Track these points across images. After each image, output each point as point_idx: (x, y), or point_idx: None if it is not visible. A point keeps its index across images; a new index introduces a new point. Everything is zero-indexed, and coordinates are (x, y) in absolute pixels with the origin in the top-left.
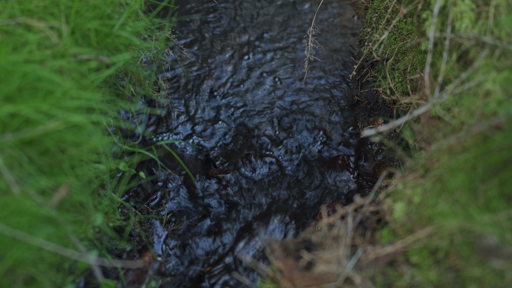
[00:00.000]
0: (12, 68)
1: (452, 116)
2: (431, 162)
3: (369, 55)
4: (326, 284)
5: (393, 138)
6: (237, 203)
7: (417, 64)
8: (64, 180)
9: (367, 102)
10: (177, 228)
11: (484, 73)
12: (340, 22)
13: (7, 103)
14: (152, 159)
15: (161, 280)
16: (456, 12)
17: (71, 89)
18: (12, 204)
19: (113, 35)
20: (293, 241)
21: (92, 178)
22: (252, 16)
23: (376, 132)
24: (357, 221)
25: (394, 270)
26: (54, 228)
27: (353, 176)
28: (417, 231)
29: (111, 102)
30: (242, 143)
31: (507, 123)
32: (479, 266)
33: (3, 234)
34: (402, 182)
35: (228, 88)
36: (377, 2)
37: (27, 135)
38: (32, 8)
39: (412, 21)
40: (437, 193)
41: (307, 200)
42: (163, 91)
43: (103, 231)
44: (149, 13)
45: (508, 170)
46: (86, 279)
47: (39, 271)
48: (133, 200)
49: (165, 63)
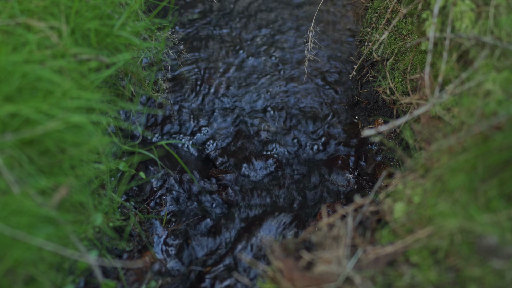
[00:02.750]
0: (12, 68)
1: (452, 116)
2: (431, 162)
3: (369, 55)
4: (326, 284)
5: (393, 138)
6: (237, 203)
7: (417, 64)
8: (64, 180)
9: (367, 102)
10: (177, 228)
11: (484, 73)
12: (340, 22)
13: (7, 103)
14: (152, 159)
15: (161, 280)
16: (456, 12)
17: (71, 89)
18: (12, 204)
19: (113, 35)
20: (293, 241)
21: (92, 178)
22: (252, 16)
23: (376, 132)
24: (357, 221)
25: (394, 270)
26: (54, 228)
27: (353, 176)
28: (417, 231)
29: (111, 102)
30: (242, 143)
31: (507, 123)
32: (479, 266)
33: (3, 234)
34: (402, 182)
35: (228, 88)
36: (377, 2)
37: (27, 135)
38: (32, 8)
39: (412, 21)
40: (437, 193)
41: (307, 200)
42: (163, 91)
43: (103, 231)
44: (149, 13)
45: (508, 170)
46: (86, 279)
47: (39, 271)
48: (133, 200)
49: (165, 63)
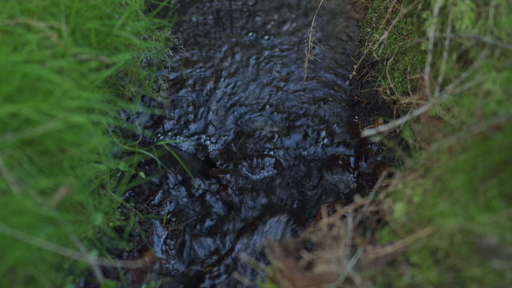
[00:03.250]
0: (12, 68)
1: (452, 116)
2: (431, 162)
3: (369, 55)
4: (326, 284)
5: (393, 138)
6: (237, 203)
7: (417, 64)
8: (64, 180)
9: (367, 102)
10: (177, 228)
11: (484, 73)
12: (340, 22)
13: (7, 103)
14: (152, 159)
15: (161, 280)
16: (456, 12)
17: (71, 89)
18: (12, 204)
19: (113, 35)
20: (293, 241)
21: (92, 178)
22: (252, 16)
23: (376, 132)
24: (357, 221)
25: (394, 270)
26: (54, 228)
27: (353, 176)
28: (417, 231)
29: (111, 102)
30: (242, 143)
31: (507, 123)
32: (479, 266)
33: (3, 234)
34: (402, 182)
35: (228, 88)
36: (377, 2)
37: (27, 135)
38: (32, 8)
39: (412, 21)
40: (437, 193)
41: (307, 200)
42: (163, 91)
43: (103, 231)
44: (149, 13)
45: (508, 170)
46: (86, 279)
47: (39, 271)
48: (133, 200)
49: (165, 63)
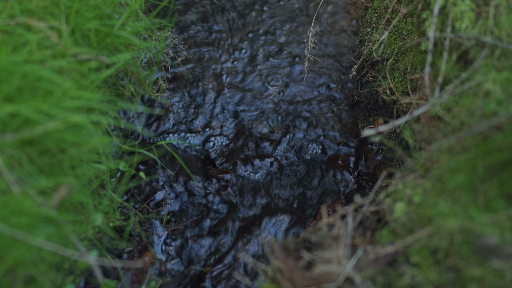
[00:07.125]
0: (12, 68)
1: (452, 116)
2: (431, 162)
3: (369, 55)
4: (326, 284)
5: (393, 138)
6: (237, 203)
7: (417, 64)
8: (64, 180)
9: (367, 102)
10: (177, 228)
11: (484, 73)
12: (340, 22)
13: (7, 103)
14: (152, 159)
15: (161, 280)
16: (456, 12)
17: (71, 89)
18: (12, 204)
19: (113, 35)
20: (293, 241)
21: (92, 178)
22: (252, 16)
23: (376, 132)
24: (357, 221)
25: (394, 270)
26: (54, 228)
27: (353, 176)
28: (417, 231)
29: (111, 102)
30: (242, 143)
31: (507, 123)
32: (479, 266)
33: (3, 234)
34: (402, 182)
35: (228, 88)
36: (377, 2)
37: (27, 135)
38: (32, 8)
39: (412, 21)
40: (437, 193)
41: (307, 200)
42: (163, 91)
43: (103, 231)
44: (149, 13)
45: (508, 170)
46: (86, 279)
47: (39, 271)
48: (133, 200)
49: (165, 63)
